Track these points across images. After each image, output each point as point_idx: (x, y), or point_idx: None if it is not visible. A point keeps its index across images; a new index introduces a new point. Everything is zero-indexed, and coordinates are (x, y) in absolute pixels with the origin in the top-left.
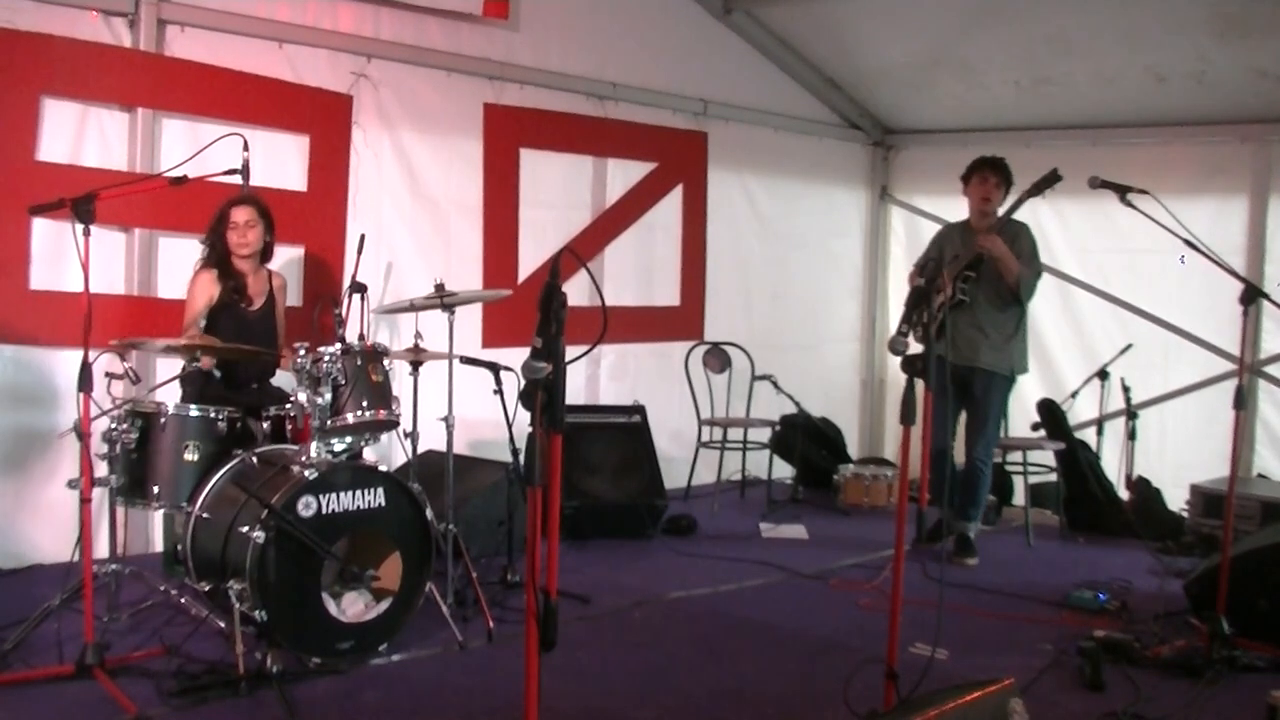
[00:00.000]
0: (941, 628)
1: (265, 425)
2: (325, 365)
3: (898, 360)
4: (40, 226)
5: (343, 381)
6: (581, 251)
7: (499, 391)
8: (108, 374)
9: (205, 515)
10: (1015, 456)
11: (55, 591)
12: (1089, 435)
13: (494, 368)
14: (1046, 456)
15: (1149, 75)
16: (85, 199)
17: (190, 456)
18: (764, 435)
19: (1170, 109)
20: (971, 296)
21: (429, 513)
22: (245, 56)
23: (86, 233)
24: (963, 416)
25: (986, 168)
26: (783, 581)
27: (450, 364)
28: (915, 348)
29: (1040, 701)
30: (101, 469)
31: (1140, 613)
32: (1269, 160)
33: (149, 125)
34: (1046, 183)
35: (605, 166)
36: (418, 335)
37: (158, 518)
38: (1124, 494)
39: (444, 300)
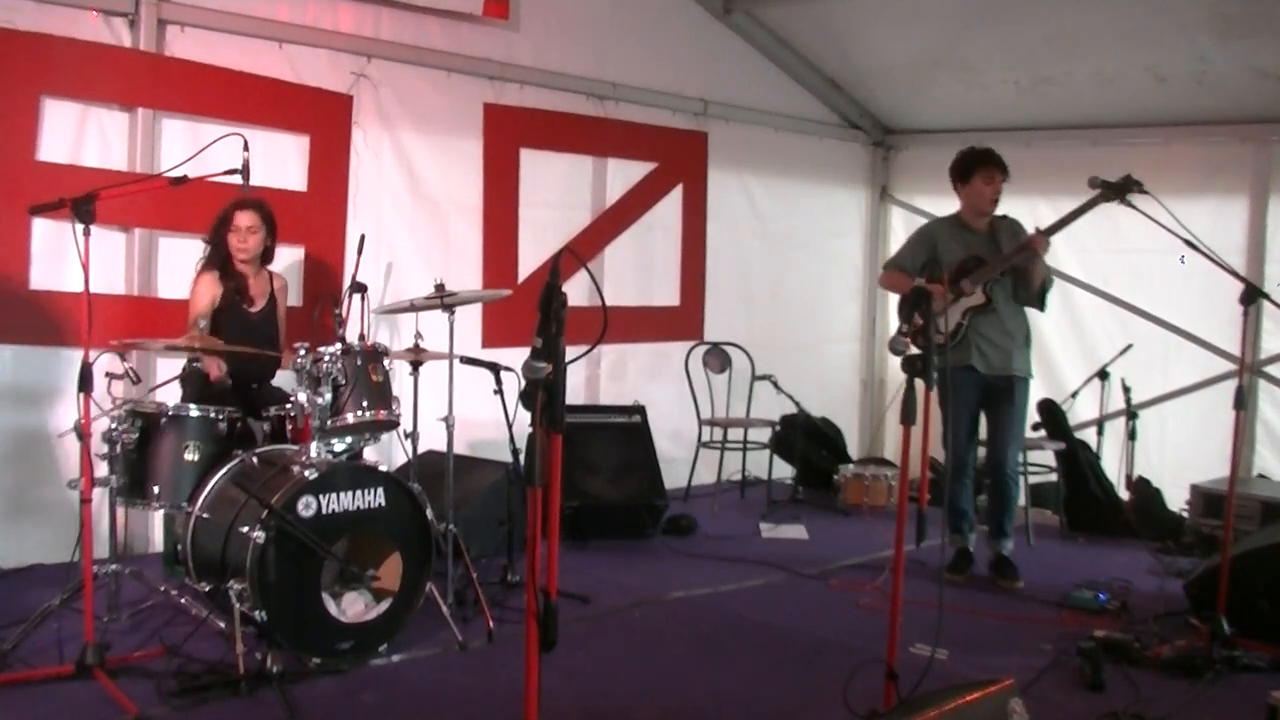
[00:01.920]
0: (941, 628)
1: (265, 425)
2: (325, 365)
3: (898, 360)
4: (40, 226)
5: (343, 381)
6: (581, 251)
7: (499, 391)
8: (108, 374)
9: (205, 515)
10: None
11: (55, 591)
12: (1089, 435)
13: (494, 368)
14: (1047, 456)
15: (1149, 75)
16: (85, 199)
17: (190, 456)
18: (764, 435)
19: (1170, 109)
20: (994, 299)
21: (429, 513)
22: (245, 56)
23: (86, 233)
24: (982, 425)
25: (993, 165)
26: (783, 581)
27: (450, 364)
28: (916, 348)
29: (1040, 701)
30: (101, 469)
31: (1140, 613)
32: (1269, 160)
33: (149, 125)
34: (1123, 189)
35: (605, 166)
36: (418, 335)
37: (158, 518)
38: (1124, 494)
39: (444, 300)
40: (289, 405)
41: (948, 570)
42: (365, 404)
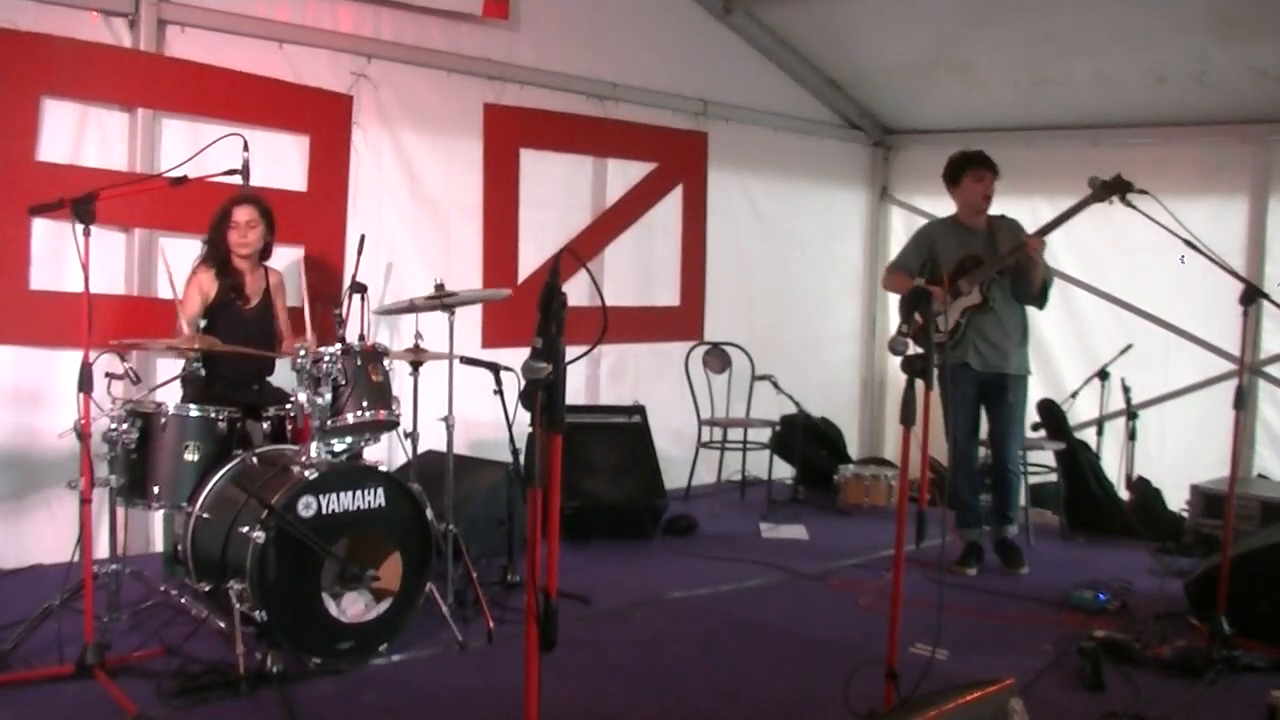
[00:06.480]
0: (941, 628)
1: (265, 425)
2: (325, 365)
3: (898, 360)
4: (40, 226)
5: (343, 382)
6: (581, 251)
7: (499, 391)
8: (108, 374)
9: (205, 515)
10: None
11: (55, 591)
12: (1089, 435)
13: (494, 368)
14: (1047, 456)
15: (1149, 75)
16: (85, 199)
17: (190, 456)
18: (764, 435)
19: (1170, 109)
20: (992, 299)
21: (429, 513)
22: (245, 56)
23: (86, 233)
24: (983, 422)
25: (983, 165)
26: (783, 581)
27: (450, 364)
28: (916, 347)
29: (1040, 701)
30: (101, 469)
31: (1140, 613)
32: (1269, 160)
33: (149, 125)
34: (1114, 189)
35: (605, 166)
36: (418, 335)
37: (158, 518)
38: (1124, 494)
39: (444, 300)
40: (289, 405)
41: (956, 563)
42: (365, 404)
